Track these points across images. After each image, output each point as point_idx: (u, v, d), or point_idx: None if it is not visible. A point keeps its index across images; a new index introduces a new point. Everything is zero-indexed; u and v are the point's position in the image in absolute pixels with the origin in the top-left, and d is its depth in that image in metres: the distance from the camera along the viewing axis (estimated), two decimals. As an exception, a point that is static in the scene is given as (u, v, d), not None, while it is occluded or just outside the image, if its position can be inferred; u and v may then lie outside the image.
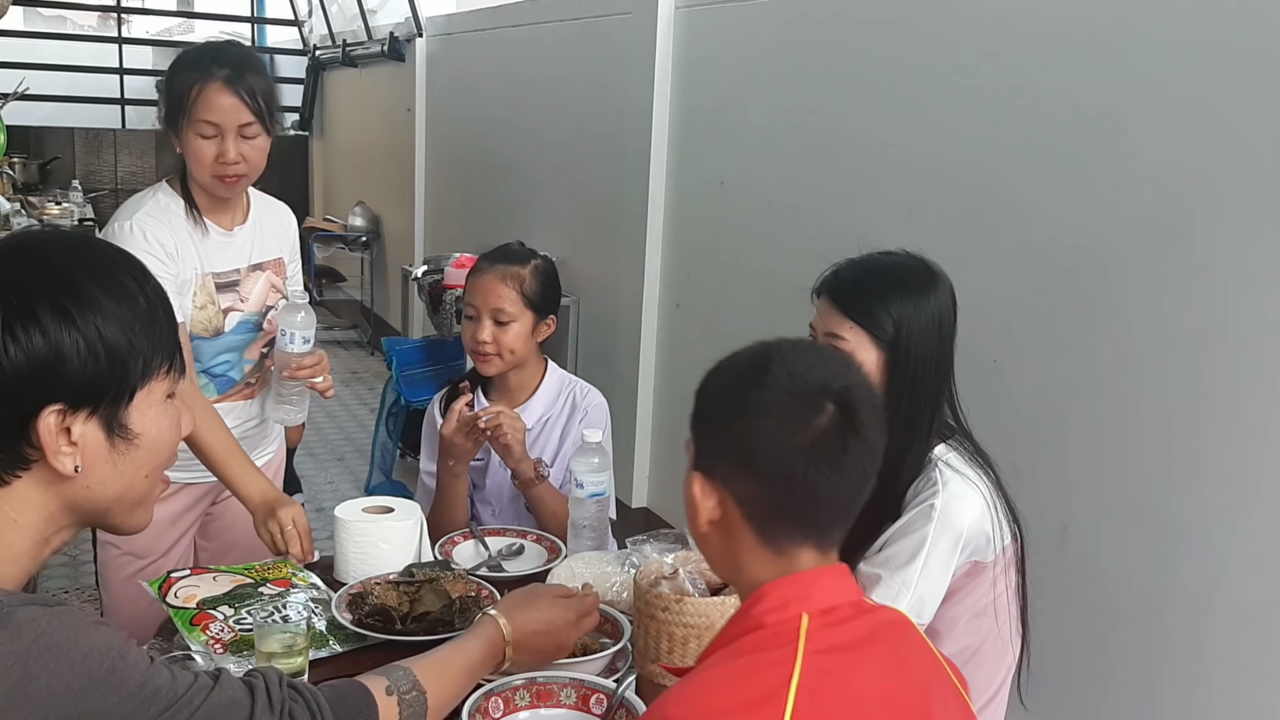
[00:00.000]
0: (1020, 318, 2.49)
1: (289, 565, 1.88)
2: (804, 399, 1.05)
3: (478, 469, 2.29)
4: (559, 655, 1.51)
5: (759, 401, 1.06)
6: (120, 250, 1.12)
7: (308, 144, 8.98)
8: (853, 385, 1.07)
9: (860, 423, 1.05)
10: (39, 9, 9.59)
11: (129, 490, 1.10)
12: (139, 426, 1.07)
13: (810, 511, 1.07)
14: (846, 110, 3.06)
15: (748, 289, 3.50)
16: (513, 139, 5.26)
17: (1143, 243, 2.22)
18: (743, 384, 1.09)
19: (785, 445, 1.04)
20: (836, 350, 1.13)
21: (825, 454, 1.04)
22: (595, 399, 2.29)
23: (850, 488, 1.07)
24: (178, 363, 1.11)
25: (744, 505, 1.08)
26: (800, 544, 1.08)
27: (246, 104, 2.02)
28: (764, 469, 1.06)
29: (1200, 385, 2.11)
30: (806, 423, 1.04)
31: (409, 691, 1.23)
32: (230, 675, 1.09)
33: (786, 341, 1.12)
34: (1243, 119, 2.02)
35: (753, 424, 1.06)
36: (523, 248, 2.30)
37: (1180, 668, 2.17)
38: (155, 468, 1.12)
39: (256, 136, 2.06)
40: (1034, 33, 2.46)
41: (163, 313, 1.09)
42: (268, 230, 2.26)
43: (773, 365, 1.08)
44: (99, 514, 1.11)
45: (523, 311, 2.18)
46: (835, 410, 1.04)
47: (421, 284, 4.97)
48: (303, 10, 9.01)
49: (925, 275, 1.67)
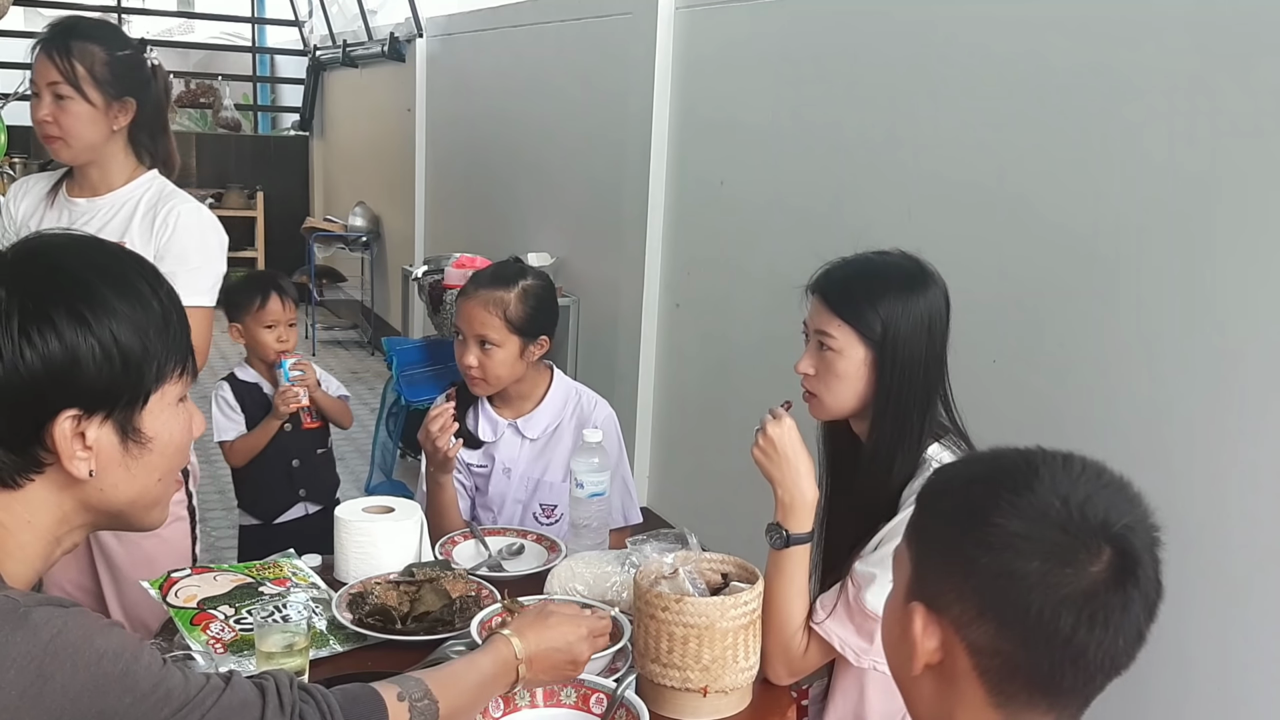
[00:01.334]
0: (1020, 318, 2.49)
1: (289, 565, 1.88)
2: (1079, 538, 0.86)
3: (481, 475, 2.29)
4: (573, 673, 1.49)
5: (1020, 533, 0.86)
6: (133, 254, 1.14)
7: (308, 144, 8.98)
8: (1136, 525, 0.89)
9: (1143, 574, 0.88)
10: (39, 9, 9.57)
11: (143, 494, 1.11)
12: (152, 430, 1.08)
13: (1066, 676, 0.89)
14: (846, 110, 3.06)
15: (748, 289, 3.50)
16: (513, 139, 5.26)
17: (1143, 243, 2.22)
18: (997, 506, 0.88)
19: (1053, 595, 0.85)
20: (1120, 479, 0.91)
21: (1102, 609, 0.86)
22: (603, 411, 2.27)
23: (1120, 653, 0.89)
24: (190, 366, 1.12)
25: (979, 656, 0.89)
26: (1042, 713, 0.90)
27: (55, 65, 2.07)
28: (1017, 619, 0.86)
29: (1200, 386, 2.11)
30: (1080, 568, 0.85)
31: (421, 699, 1.22)
32: (241, 677, 1.09)
33: (1054, 455, 0.91)
34: (1243, 121, 2.02)
35: (1010, 561, 0.86)
36: (516, 265, 2.28)
37: (1177, 670, 2.17)
38: (168, 470, 1.12)
39: (68, 99, 2.09)
40: (1034, 32, 2.46)
41: (176, 316, 1.09)
42: (138, 214, 2.17)
43: (1038, 486, 0.87)
44: (113, 516, 1.11)
45: (507, 337, 2.14)
46: (1113, 555, 0.86)
47: (422, 284, 4.97)
48: (303, 10, 9.01)
49: (917, 275, 1.68)
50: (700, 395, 3.79)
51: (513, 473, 2.26)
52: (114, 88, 2.12)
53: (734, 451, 3.54)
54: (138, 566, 2.10)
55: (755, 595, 1.54)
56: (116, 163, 2.18)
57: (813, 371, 1.69)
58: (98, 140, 2.13)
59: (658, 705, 1.52)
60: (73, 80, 2.08)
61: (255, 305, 2.83)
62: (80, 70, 2.08)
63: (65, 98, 2.09)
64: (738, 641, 1.51)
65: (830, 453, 1.82)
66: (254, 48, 9.98)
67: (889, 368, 1.64)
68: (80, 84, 2.08)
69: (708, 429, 3.75)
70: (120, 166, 2.19)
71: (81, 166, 2.19)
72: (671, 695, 1.52)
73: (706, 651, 1.49)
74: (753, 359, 3.43)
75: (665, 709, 1.52)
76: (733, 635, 1.50)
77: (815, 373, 1.69)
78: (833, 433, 1.81)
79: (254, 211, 8.41)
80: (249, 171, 8.61)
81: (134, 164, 2.21)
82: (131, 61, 2.17)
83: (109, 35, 2.18)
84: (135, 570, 2.09)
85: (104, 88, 2.10)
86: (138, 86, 2.17)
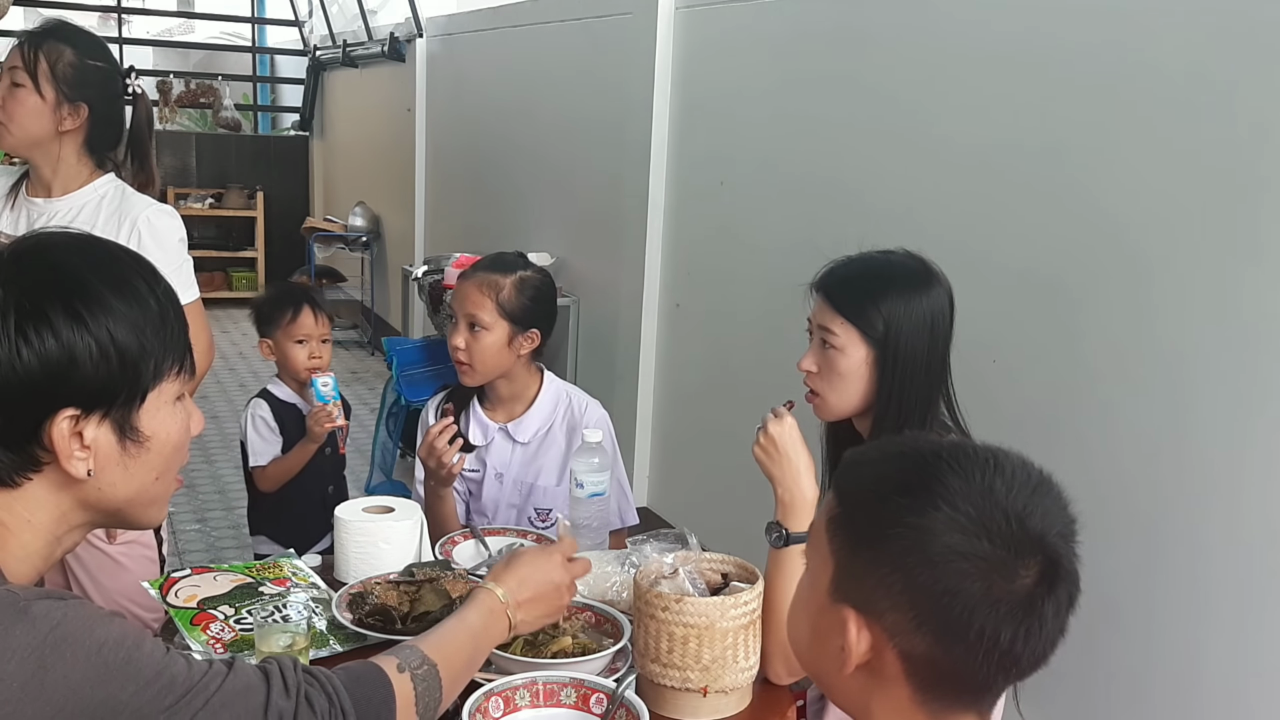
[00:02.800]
0: (1020, 318, 2.49)
1: (289, 565, 1.88)
2: (1018, 553, 0.84)
3: (474, 480, 2.28)
4: (562, 601, 1.51)
5: (962, 551, 0.84)
6: (130, 252, 1.13)
7: (308, 144, 8.98)
8: (1066, 530, 0.87)
9: (1068, 574, 0.87)
10: (39, 9, 9.57)
11: (141, 492, 1.10)
12: (150, 429, 1.07)
13: (998, 682, 0.89)
14: (847, 110, 3.06)
15: (748, 289, 3.50)
16: (513, 139, 5.26)
17: (1142, 244, 2.22)
18: (935, 517, 0.85)
19: (995, 611, 0.84)
20: (1046, 478, 0.89)
21: (1038, 618, 0.85)
22: (596, 413, 2.27)
23: (1047, 651, 0.88)
24: (188, 364, 1.11)
25: (912, 663, 0.88)
26: (963, 712, 0.91)
27: (21, 54, 2.11)
28: (957, 635, 0.85)
29: (1199, 388, 2.11)
30: (1018, 581, 0.84)
31: (420, 666, 1.22)
32: (244, 662, 1.09)
33: (986, 457, 0.88)
34: (1241, 120, 2.02)
35: (952, 580, 0.84)
36: (517, 258, 2.28)
37: (1176, 672, 2.17)
38: (166, 469, 1.12)
39: (20, 87, 2.11)
40: (1035, 31, 2.46)
41: (173, 314, 1.09)
42: (99, 219, 2.18)
43: (975, 496, 0.85)
44: (111, 514, 1.11)
45: (498, 321, 2.15)
46: (1045, 563, 0.85)
47: (421, 284, 4.97)
48: (303, 10, 9.01)
49: (920, 274, 1.68)
50: (700, 395, 3.79)
51: (505, 478, 2.26)
52: (69, 89, 2.13)
53: (734, 451, 3.54)
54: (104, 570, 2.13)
55: (755, 595, 1.54)
56: (68, 166, 2.18)
57: (815, 369, 1.70)
58: (40, 135, 2.14)
59: (658, 705, 1.52)
60: (31, 71, 2.10)
61: (286, 319, 2.69)
62: (42, 64, 2.10)
63: (19, 85, 2.12)
64: (738, 641, 1.51)
65: (833, 452, 1.82)
66: (254, 48, 9.98)
67: (891, 366, 1.64)
68: (37, 76, 2.11)
69: (708, 429, 3.75)
70: (73, 170, 2.19)
71: (33, 164, 2.21)
72: (671, 695, 1.52)
73: (706, 651, 1.49)
74: (753, 359, 3.43)
75: (665, 709, 1.52)
76: (733, 635, 1.50)
77: (818, 370, 1.70)
78: (836, 432, 1.81)
79: (254, 211, 8.41)
80: (249, 171, 8.61)
81: (90, 169, 2.21)
82: (100, 73, 2.18)
83: (86, 42, 2.20)
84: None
85: (59, 86, 2.12)
86: (98, 97, 2.17)
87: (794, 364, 1.73)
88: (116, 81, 2.24)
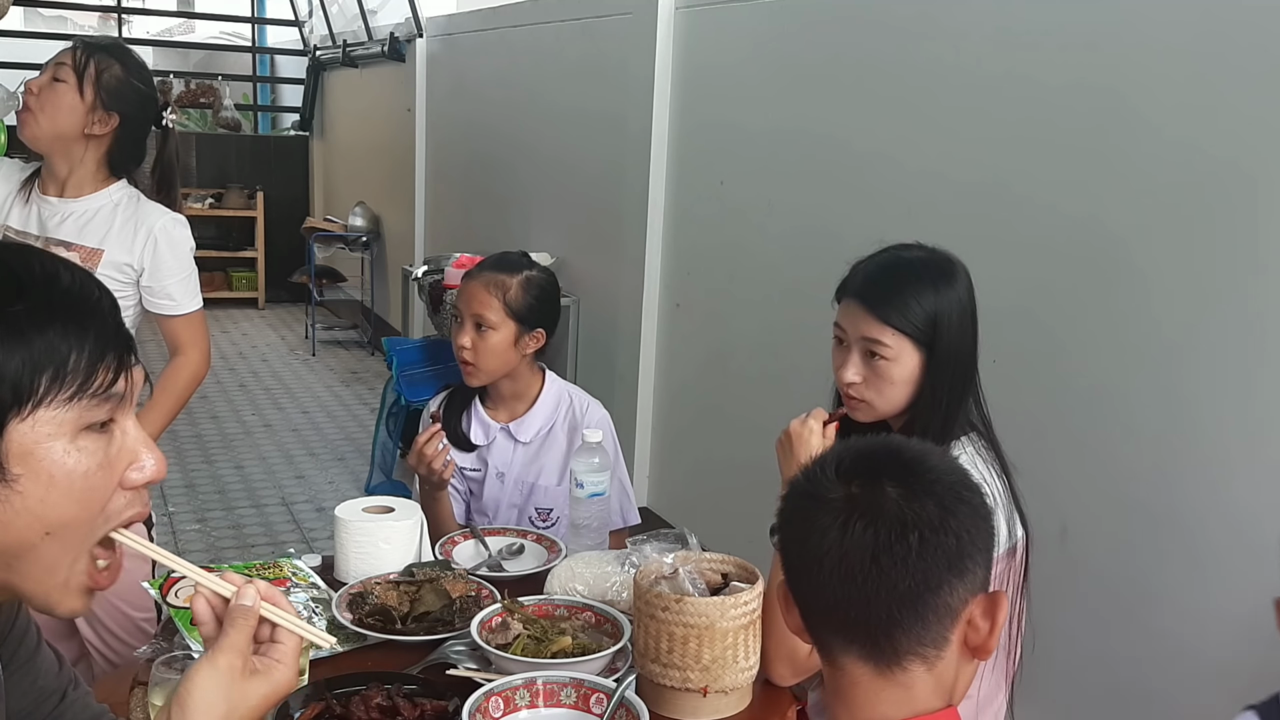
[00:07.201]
0: (1020, 317, 2.49)
1: (289, 565, 1.88)
2: (827, 493, 0.99)
3: (475, 479, 2.29)
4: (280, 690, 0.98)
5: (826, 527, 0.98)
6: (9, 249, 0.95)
7: (308, 144, 8.98)
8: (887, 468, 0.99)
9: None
10: (39, 9, 9.59)
11: (21, 546, 0.88)
12: (20, 467, 0.86)
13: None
14: (847, 110, 3.06)
15: (748, 289, 3.50)
16: (513, 139, 5.26)
17: (1141, 242, 2.22)
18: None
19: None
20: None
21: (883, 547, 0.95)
22: (597, 413, 2.27)
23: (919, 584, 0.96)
24: (106, 390, 0.89)
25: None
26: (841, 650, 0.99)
27: (73, 54, 2.20)
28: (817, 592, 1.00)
29: (1199, 384, 2.11)
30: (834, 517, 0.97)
31: None
32: None
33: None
34: (1246, 119, 2.02)
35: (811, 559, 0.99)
36: (522, 258, 2.28)
37: (1180, 667, 2.17)
38: (60, 524, 0.89)
39: (61, 82, 2.19)
40: (1035, 30, 2.46)
41: (57, 328, 0.87)
42: (115, 223, 2.24)
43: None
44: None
45: (504, 321, 2.15)
46: (855, 487, 0.98)
47: (422, 284, 4.97)
48: (303, 10, 9.00)
49: (946, 266, 1.67)
50: (700, 395, 3.79)
51: (506, 477, 2.26)
52: (108, 97, 2.21)
53: (734, 451, 3.55)
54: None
55: (755, 595, 1.54)
56: (86, 170, 2.25)
57: (860, 379, 1.66)
58: (67, 132, 2.20)
59: (658, 705, 1.52)
60: (79, 71, 2.19)
61: None
62: (90, 69, 2.19)
63: (61, 80, 2.19)
64: (738, 641, 1.51)
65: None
66: (254, 48, 9.98)
67: (937, 365, 1.63)
68: (83, 77, 2.19)
69: (707, 429, 3.75)
70: (89, 176, 2.26)
71: (50, 160, 2.25)
72: (671, 695, 1.52)
73: (706, 651, 1.49)
74: (752, 359, 3.43)
75: (665, 709, 1.52)
76: (733, 635, 1.50)
77: (863, 380, 1.66)
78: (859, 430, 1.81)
79: (254, 211, 8.41)
80: (249, 171, 8.61)
81: (104, 178, 2.27)
82: (140, 94, 2.27)
83: (135, 65, 2.29)
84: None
85: (100, 92, 2.20)
86: (132, 114, 2.25)
87: (794, 363, 1.73)
88: (152, 108, 2.32)
